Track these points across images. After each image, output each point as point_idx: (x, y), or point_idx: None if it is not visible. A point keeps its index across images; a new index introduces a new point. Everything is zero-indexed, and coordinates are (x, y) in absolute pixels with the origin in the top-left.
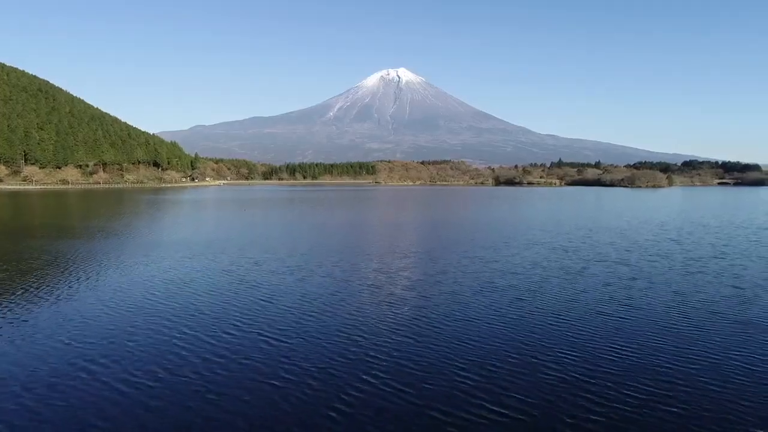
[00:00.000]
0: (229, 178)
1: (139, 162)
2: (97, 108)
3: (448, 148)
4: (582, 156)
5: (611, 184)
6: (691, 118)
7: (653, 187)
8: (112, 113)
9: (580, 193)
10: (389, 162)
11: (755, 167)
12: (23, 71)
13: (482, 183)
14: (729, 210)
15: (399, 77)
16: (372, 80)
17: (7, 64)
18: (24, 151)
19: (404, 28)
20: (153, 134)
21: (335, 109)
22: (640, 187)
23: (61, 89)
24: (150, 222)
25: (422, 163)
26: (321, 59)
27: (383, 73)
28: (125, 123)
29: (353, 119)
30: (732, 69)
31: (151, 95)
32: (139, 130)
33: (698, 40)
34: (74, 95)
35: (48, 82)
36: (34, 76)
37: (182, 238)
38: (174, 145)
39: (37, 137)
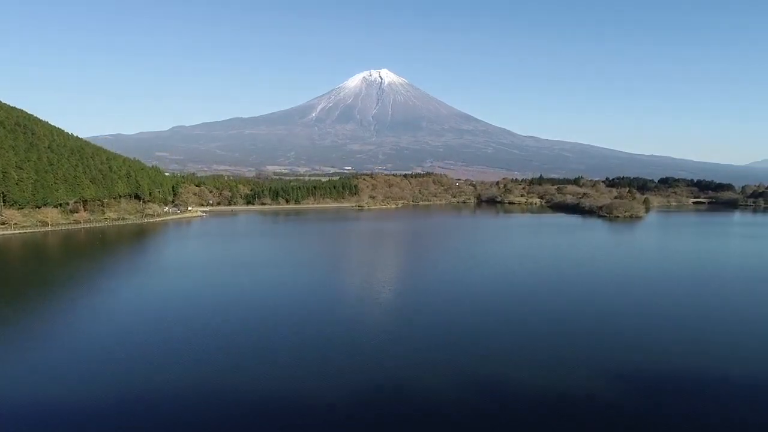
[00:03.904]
0: (212, 202)
1: (121, 196)
2: (77, 138)
3: (430, 149)
4: (562, 159)
5: (590, 210)
6: (668, 120)
7: (630, 218)
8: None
9: (555, 233)
10: (372, 177)
11: (728, 186)
12: (1, 102)
13: (464, 202)
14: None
15: (381, 78)
16: (354, 81)
17: None
18: (2, 193)
19: (387, 29)
20: (134, 158)
21: (317, 110)
22: (618, 217)
23: (39, 119)
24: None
25: (405, 176)
26: (303, 60)
27: (365, 74)
28: (105, 153)
29: (335, 120)
30: (707, 74)
31: (131, 96)
32: (120, 159)
33: (677, 44)
34: (53, 125)
35: (25, 112)
36: (12, 108)
37: None
38: (155, 170)
39: (16, 177)
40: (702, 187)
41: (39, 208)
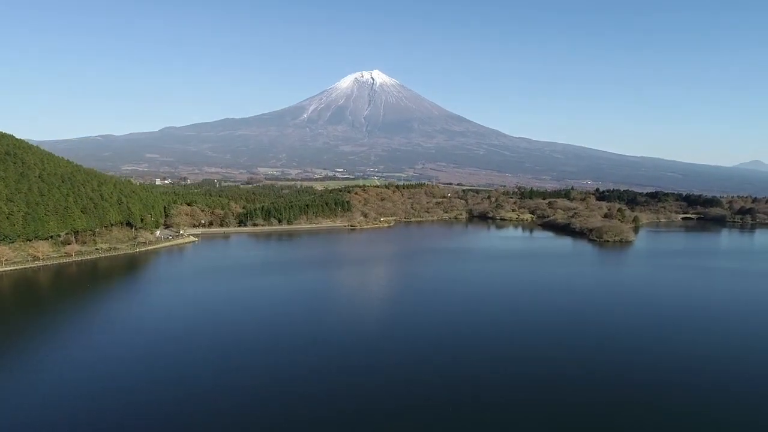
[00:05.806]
0: (204, 222)
1: (112, 224)
2: (68, 162)
3: (422, 151)
4: (553, 160)
5: (581, 233)
6: (658, 122)
7: (620, 242)
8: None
9: (541, 268)
10: (364, 190)
11: (717, 202)
12: None
13: (456, 218)
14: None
15: (373, 79)
16: (346, 82)
17: None
18: None
19: (378, 31)
20: (127, 179)
21: (309, 111)
22: (608, 242)
23: (29, 145)
24: None
25: (397, 187)
26: (294, 60)
27: (357, 74)
28: (96, 177)
29: (327, 121)
30: (697, 77)
31: (121, 96)
32: (111, 183)
33: (670, 47)
34: (44, 150)
35: (15, 138)
36: (2, 134)
37: None
38: (146, 190)
39: (6, 210)
40: (690, 201)
41: (30, 241)
